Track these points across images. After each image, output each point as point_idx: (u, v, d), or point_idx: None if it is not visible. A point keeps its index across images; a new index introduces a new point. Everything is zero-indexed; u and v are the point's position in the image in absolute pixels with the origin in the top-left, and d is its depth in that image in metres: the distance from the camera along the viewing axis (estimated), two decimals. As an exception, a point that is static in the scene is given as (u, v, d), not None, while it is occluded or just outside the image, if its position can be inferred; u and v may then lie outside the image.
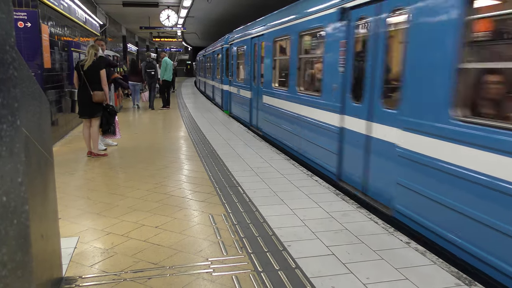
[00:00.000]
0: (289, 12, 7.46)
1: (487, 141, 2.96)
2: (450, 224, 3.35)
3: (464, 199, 3.18)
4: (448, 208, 3.34)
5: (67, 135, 9.04)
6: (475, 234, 3.11)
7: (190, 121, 11.23)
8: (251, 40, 9.90)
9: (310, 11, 6.26)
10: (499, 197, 2.88)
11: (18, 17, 6.96)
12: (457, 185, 3.25)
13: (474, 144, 3.07)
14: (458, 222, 3.25)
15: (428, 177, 3.59)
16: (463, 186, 3.19)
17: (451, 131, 3.28)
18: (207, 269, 3.03)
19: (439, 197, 3.44)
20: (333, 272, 2.96)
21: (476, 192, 3.07)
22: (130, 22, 20.74)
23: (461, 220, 3.22)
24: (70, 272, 2.99)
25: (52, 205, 2.71)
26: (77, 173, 5.92)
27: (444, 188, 3.39)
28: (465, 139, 3.15)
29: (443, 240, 3.45)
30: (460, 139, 3.20)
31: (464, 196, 3.18)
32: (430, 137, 3.54)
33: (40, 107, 2.42)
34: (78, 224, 3.94)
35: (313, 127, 6.12)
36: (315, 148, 6.08)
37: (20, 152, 1.35)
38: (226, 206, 4.41)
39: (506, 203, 2.82)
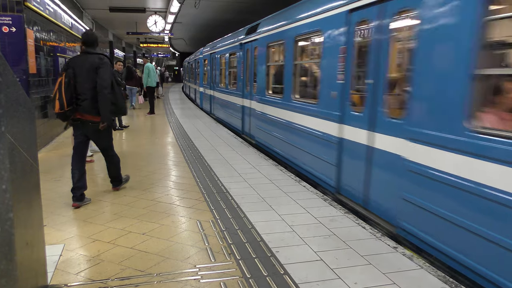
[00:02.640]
0: (283, 17, 7.24)
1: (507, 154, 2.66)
2: (464, 245, 3.01)
3: (480, 219, 2.86)
4: (461, 227, 3.02)
5: (52, 141, 8.93)
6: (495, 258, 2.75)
7: (178, 127, 11.18)
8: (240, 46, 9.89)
9: (306, 15, 5.98)
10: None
11: (2, 21, 6.88)
12: (472, 202, 2.93)
13: (491, 158, 2.78)
14: (474, 244, 2.91)
15: (438, 192, 3.27)
16: (479, 204, 2.87)
17: (466, 143, 2.97)
18: (195, 276, 3.01)
19: (451, 215, 3.12)
20: (321, 278, 2.96)
21: (493, 211, 2.75)
22: (117, 28, 20.63)
23: (477, 241, 2.88)
24: (56, 280, 2.94)
25: (37, 212, 2.67)
26: (62, 179, 5.84)
27: (458, 206, 3.06)
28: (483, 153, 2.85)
29: (454, 262, 3.14)
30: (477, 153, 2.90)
31: (480, 216, 2.86)
32: (443, 150, 3.23)
33: (25, 113, 2.38)
34: (63, 231, 3.89)
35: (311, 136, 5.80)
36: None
37: (4, 159, 1.33)
38: (214, 212, 4.39)
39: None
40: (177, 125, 11.68)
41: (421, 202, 3.46)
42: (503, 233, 2.66)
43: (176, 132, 10.32)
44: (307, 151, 5.94)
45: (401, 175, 3.73)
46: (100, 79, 4.57)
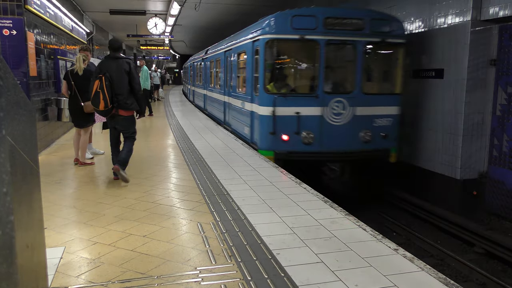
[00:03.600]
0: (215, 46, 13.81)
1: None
2: (238, 126, 9.30)
3: (241, 118, 8.96)
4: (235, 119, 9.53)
5: (53, 143, 8.93)
6: (239, 126, 9.15)
7: (178, 129, 11.18)
8: (224, 54, 11.65)
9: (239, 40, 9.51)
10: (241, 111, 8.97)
11: (3, 25, 6.89)
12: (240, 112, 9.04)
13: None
14: (239, 124, 9.15)
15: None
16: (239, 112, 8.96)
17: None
18: (195, 278, 3.00)
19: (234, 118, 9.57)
20: (322, 280, 2.96)
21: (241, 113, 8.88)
22: (117, 30, 20.66)
23: (239, 124, 8.94)
24: (56, 283, 2.94)
25: (38, 215, 2.67)
26: (63, 182, 5.84)
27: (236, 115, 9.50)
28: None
29: (237, 132, 9.47)
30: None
31: (242, 117, 8.91)
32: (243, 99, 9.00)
33: (26, 116, 2.39)
34: (64, 233, 3.89)
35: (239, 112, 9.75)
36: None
37: (5, 162, 1.33)
38: (214, 214, 4.39)
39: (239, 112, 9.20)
40: (177, 127, 11.68)
41: (238, 122, 9.29)
42: (240, 119, 8.97)
43: (176, 134, 10.32)
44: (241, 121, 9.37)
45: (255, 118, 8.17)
46: (134, 82, 5.60)
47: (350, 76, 7.71)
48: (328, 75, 7.59)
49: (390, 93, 7.87)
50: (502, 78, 7.00)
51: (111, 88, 5.43)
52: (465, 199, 7.40)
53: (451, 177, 7.50)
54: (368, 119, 7.49)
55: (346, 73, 8.04)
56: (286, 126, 7.31)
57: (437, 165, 7.91)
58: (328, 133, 7.36)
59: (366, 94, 7.50)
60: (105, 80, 5.38)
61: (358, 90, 7.44)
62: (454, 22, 7.36)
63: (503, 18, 6.73)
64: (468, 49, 7.08)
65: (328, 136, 7.37)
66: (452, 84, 7.46)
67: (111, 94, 5.43)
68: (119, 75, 5.50)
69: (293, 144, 7.36)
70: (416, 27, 8.36)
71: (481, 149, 7.38)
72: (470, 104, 7.20)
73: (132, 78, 5.56)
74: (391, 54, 7.93)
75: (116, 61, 5.57)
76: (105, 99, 5.37)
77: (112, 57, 5.64)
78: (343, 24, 7.45)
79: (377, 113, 7.56)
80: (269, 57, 7.58)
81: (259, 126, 7.79)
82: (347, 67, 7.95)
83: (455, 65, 7.36)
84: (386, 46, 7.74)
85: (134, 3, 13.08)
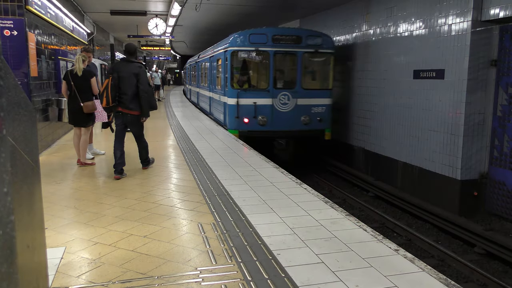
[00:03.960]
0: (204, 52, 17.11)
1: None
2: (216, 112, 12.55)
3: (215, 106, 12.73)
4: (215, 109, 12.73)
5: (54, 144, 8.94)
6: (215, 110, 12.65)
7: (179, 130, 11.19)
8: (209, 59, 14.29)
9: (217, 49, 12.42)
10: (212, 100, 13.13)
11: (4, 25, 6.90)
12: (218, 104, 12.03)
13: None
14: (216, 111, 12.44)
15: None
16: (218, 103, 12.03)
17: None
18: (196, 279, 3.00)
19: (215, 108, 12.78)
20: (323, 280, 2.96)
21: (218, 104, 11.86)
22: (118, 31, 20.67)
23: (217, 110, 12.14)
24: (57, 283, 2.94)
25: (39, 215, 2.67)
26: (64, 182, 5.85)
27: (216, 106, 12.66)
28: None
29: (213, 117, 13.19)
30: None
31: (216, 105, 12.65)
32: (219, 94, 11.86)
33: (27, 116, 2.39)
34: (64, 234, 3.89)
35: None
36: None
37: (5, 162, 1.33)
38: (215, 214, 4.39)
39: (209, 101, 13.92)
40: (178, 127, 11.69)
41: (217, 111, 12.35)
42: (218, 108, 12.02)
43: (177, 134, 10.32)
44: (218, 110, 12.27)
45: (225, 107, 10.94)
46: (141, 84, 5.93)
47: (292, 76, 10.54)
48: (276, 76, 10.47)
49: (323, 88, 10.71)
50: (502, 79, 7.00)
51: (115, 88, 5.86)
52: (464, 200, 7.41)
53: (451, 177, 7.50)
54: (307, 107, 10.33)
55: (289, 74, 10.79)
56: (247, 112, 10.18)
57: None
58: (277, 117, 10.24)
59: (305, 89, 10.36)
60: (112, 80, 5.83)
61: (298, 86, 10.31)
62: (455, 22, 7.36)
63: (503, 19, 6.73)
64: (468, 49, 7.07)
65: (277, 119, 10.24)
66: (453, 84, 7.46)
67: (114, 94, 5.85)
68: (128, 77, 5.91)
69: (252, 125, 10.21)
70: (417, 28, 8.36)
71: (481, 150, 7.37)
72: (470, 104, 7.19)
73: (139, 80, 5.93)
74: (323, 61, 10.77)
75: (128, 64, 6.03)
76: (107, 97, 5.81)
77: (126, 60, 6.15)
78: (286, 39, 10.18)
79: (314, 103, 10.40)
80: (234, 63, 10.53)
81: (228, 113, 10.62)
82: (290, 70, 10.72)
83: (456, 66, 7.36)
84: (319, 55, 10.53)
85: (134, 3, 13.08)
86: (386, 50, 9.45)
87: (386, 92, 9.49)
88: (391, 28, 9.25)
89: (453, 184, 7.47)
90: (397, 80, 9.02)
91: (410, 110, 8.61)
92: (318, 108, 10.39)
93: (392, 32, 9.20)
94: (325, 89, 10.65)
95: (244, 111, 10.17)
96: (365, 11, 10.34)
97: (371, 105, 10.18)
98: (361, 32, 10.62)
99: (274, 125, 10.20)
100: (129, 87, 5.93)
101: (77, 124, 6.90)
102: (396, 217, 7.77)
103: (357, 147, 10.99)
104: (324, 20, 12.67)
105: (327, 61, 10.63)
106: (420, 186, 8.33)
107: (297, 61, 10.22)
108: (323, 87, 10.75)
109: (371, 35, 10.11)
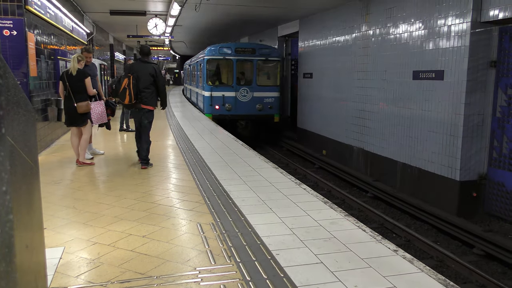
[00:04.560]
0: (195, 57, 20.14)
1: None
2: (198, 101, 17.14)
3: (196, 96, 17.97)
4: (199, 100, 16.78)
5: (53, 144, 8.94)
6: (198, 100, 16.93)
7: (178, 130, 11.19)
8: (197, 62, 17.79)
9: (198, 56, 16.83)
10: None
11: (3, 25, 6.90)
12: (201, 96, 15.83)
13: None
14: (197, 100, 17.66)
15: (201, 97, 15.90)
16: (200, 96, 15.88)
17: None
18: (195, 279, 3.00)
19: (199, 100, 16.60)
20: (322, 281, 2.96)
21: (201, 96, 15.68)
22: (118, 31, 20.65)
23: (198, 100, 16.74)
24: (56, 283, 2.94)
25: (37, 215, 2.67)
26: (63, 182, 5.84)
27: (199, 98, 16.76)
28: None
29: (197, 107, 17.81)
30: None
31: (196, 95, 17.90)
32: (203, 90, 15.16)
33: (26, 116, 2.39)
34: (63, 234, 3.89)
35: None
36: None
37: (4, 161, 1.33)
38: (214, 215, 4.39)
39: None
40: (177, 127, 11.69)
41: (200, 101, 16.36)
42: (200, 100, 16.17)
43: (176, 134, 10.32)
44: (200, 101, 16.09)
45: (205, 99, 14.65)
46: (160, 84, 6.78)
47: (250, 76, 14.39)
48: (238, 76, 14.28)
49: (273, 85, 14.50)
50: (502, 80, 7.00)
51: (136, 86, 6.46)
52: (464, 201, 7.41)
53: (448, 178, 7.51)
54: (260, 98, 14.16)
55: (248, 75, 14.52)
56: (217, 101, 14.03)
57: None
58: (239, 105, 14.05)
59: (259, 85, 14.21)
60: (133, 79, 6.42)
61: (254, 83, 14.18)
62: (454, 23, 7.37)
63: (503, 20, 6.73)
64: (468, 51, 7.08)
65: (239, 106, 14.05)
66: (453, 85, 7.47)
67: (136, 91, 6.46)
68: (145, 76, 6.58)
69: (221, 111, 14.05)
70: (416, 29, 8.37)
71: (481, 151, 7.38)
72: (470, 105, 7.20)
73: (157, 79, 6.69)
74: (273, 65, 14.65)
75: (145, 64, 6.72)
76: (130, 95, 6.41)
77: (142, 60, 6.83)
78: (245, 51, 14.08)
79: (265, 96, 14.22)
80: (209, 67, 14.54)
81: (204, 102, 14.64)
82: (248, 72, 14.49)
83: (456, 67, 7.36)
84: (269, 61, 14.47)
85: (134, 3, 13.06)
86: (385, 51, 9.46)
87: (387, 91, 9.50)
88: (390, 29, 9.26)
89: (452, 185, 7.47)
90: (396, 80, 9.03)
91: (409, 110, 8.61)
92: (269, 99, 14.24)
93: (392, 32, 9.21)
94: (274, 86, 14.46)
95: (215, 100, 14.03)
96: (365, 11, 10.34)
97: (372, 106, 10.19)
98: (360, 32, 10.63)
99: (237, 111, 14.06)
100: (146, 85, 6.58)
101: (73, 124, 6.88)
102: (395, 218, 7.78)
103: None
104: (323, 20, 12.68)
105: (276, 66, 14.56)
106: (420, 186, 8.34)
107: (253, 66, 14.14)
108: (273, 84, 14.49)
109: (371, 35, 10.12)
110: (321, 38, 12.81)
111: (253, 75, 14.17)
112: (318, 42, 13.07)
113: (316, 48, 13.21)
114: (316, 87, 13.28)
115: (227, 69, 14.61)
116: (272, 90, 14.32)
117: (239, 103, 13.99)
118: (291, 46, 16.67)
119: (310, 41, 13.70)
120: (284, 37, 16.70)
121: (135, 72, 6.53)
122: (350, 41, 11.18)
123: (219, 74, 14.96)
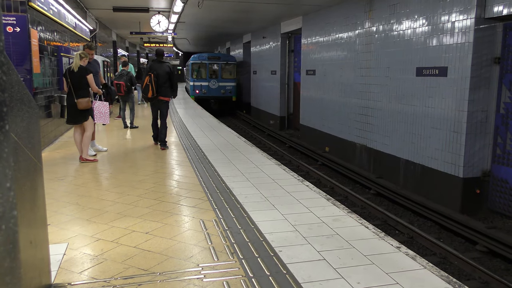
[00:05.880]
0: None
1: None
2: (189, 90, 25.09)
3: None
4: (187, 86, 27.38)
5: (56, 140, 8.96)
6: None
7: (181, 126, 11.20)
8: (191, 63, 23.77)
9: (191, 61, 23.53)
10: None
11: (7, 21, 6.90)
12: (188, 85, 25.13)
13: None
14: (190, 91, 24.40)
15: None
16: (190, 86, 24.04)
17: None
18: (198, 275, 3.01)
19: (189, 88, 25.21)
20: (324, 277, 2.96)
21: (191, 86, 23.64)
22: (121, 27, 20.66)
23: (190, 90, 24.26)
24: (59, 279, 2.96)
25: (41, 211, 2.68)
26: (66, 178, 5.86)
27: (188, 87, 26.53)
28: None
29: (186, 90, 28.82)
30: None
31: (189, 87, 25.17)
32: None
33: (29, 112, 2.40)
34: (67, 230, 3.90)
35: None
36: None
37: (8, 157, 1.34)
38: (217, 211, 4.40)
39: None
40: (180, 124, 11.70)
41: (188, 88, 26.05)
42: (189, 88, 24.52)
43: (179, 131, 10.33)
44: (189, 89, 24.27)
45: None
46: (173, 78, 8.26)
47: (217, 73, 22.28)
48: (210, 73, 22.30)
49: (232, 78, 22.41)
50: (506, 76, 6.96)
51: (156, 83, 7.86)
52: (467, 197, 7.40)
53: (452, 175, 7.49)
54: (224, 86, 22.19)
55: (216, 72, 22.36)
56: (198, 88, 22.03)
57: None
58: (210, 90, 22.06)
59: (223, 78, 22.22)
60: (154, 77, 7.81)
61: (219, 77, 22.18)
62: (458, 19, 7.33)
63: (507, 16, 6.69)
64: (472, 47, 7.04)
65: (210, 91, 22.08)
66: (456, 82, 7.44)
67: (156, 86, 7.88)
68: (163, 74, 7.99)
69: (200, 94, 21.96)
70: (420, 25, 8.34)
71: (484, 148, 7.35)
72: (474, 102, 7.17)
73: (171, 76, 8.19)
74: (231, 66, 22.56)
75: (161, 64, 8.18)
76: (153, 90, 7.86)
77: (158, 61, 8.27)
78: (214, 58, 22.74)
79: (227, 85, 22.28)
80: (193, 68, 22.47)
81: (190, 89, 22.83)
82: (216, 71, 22.35)
83: (459, 63, 7.33)
84: (229, 64, 22.49)
85: (137, 0, 13.06)
86: (388, 47, 9.42)
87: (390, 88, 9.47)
88: (393, 26, 9.22)
89: (455, 182, 7.46)
90: (399, 77, 9.00)
91: (413, 107, 8.58)
92: (229, 87, 22.30)
93: (395, 29, 9.17)
94: (232, 79, 22.41)
95: (196, 88, 22.08)
96: (368, 8, 10.30)
97: (375, 102, 10.17)
98: (363, 29, 10.59)
99: (209, 94, 22.10)
100: (164, 81, 8.00)
101: (73, 122, 6.89)
102: (398, 215, 7.77)
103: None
104: (326, 17, 12.64)
105: (233, 66, 22.57)
106: (423, 183, 8.33)
107: (219, 67, 22.25)
108: (232, 78, 22.41)
109: (374, 32, 10.08)
110: (324, 35, 12.77)
111: (219, 72, 22.28)
112: (321, 38, 13.03)
113: (319, 45, 13.17)
114: (319, 84, 13.25)
115: (204, 69, 22.44)
116: (231, 81, 22.40)
117: (210, 89, 22.11)
118: (294, 42, 16.63)
119: (313, 37, 13.66)
120: (287, 33, 16.65)
121: (154, 70, 7.89)
122: (353, 37, 11.14)
123: (199, 71, 22.54)
